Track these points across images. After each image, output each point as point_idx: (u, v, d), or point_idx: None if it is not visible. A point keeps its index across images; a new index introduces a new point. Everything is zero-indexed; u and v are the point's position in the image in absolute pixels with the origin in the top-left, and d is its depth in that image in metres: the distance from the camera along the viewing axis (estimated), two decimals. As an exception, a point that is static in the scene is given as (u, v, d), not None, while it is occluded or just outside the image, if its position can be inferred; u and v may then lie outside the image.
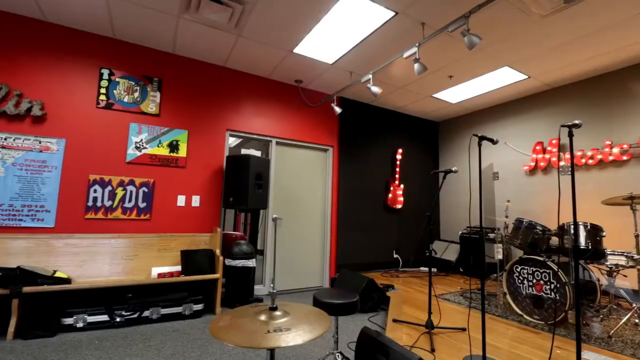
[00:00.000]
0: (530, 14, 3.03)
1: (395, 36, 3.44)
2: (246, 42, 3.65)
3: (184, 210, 3.83)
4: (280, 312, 1.41)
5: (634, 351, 2.41)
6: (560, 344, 2.57)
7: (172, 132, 3.84)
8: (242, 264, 3.58)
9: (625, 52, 3.67)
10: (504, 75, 4.32)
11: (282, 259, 4.52)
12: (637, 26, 3.18)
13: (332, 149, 5.10)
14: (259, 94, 4.51)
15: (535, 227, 3.27)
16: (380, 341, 1.82)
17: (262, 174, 3.87)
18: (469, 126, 5.99)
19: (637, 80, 3.93)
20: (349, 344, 2.74)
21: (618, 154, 3.96)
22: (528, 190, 4.89)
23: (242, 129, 4.32)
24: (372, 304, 3.60)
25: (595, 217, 4.05)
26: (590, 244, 2.92)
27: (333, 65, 4.15)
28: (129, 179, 3.57)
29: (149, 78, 3.78)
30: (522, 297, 3.15)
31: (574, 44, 3.53)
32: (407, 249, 5.81)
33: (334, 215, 5.00)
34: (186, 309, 3.26)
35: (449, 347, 2.51)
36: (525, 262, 3.15)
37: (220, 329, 1.26)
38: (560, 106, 4.65)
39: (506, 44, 3.57)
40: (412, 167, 6.07)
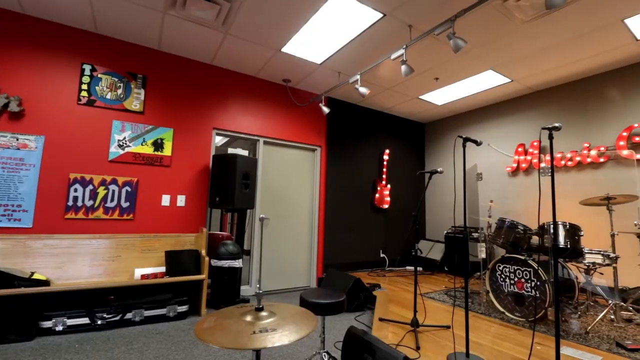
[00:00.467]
0: (513, 19, 3.11)
1: (383, 38, 3.47)
2: (234, 40, 3.62)
3: (168, 210, 3.76)
4: (266, 313, 1.40)
5: (610, 346, 2.50)
6: (541, 340, 2.65)
7: (157, 130, 3.77)
8: (229, 265, 3.55)
9: (601, 58, 3.81)
10: (488, 78, 4.42)
11: (269, 259, 4.50)
12: (611, 34, 3.30)
13: (320, 149, 5.11)
14: (247, 93, 4.47)
15: (517, 227, 3.36)
16: (366, 340, 1.83)
17: (249, 173, 3.84)
18: (454, 128, 6.10)
19: (612, 85, 4.09)
20: (335, 344, 2.75)
21: (595, 156, 4.11)
22: (510, 191, 5.02)
23: (229, 128, 4.28)
24: (358, 303, 3.62)
25: (573, 217, 4.19)
26: (569, 243, 3.02)
27: (321, 65, 4.15)
28: (111, 177, 3.48)
29: (133, 74, 3.69)
30: (504, 295, 3.23)
31: (555, 49, 3.64)
32: (394, 248, 5.87)
33: (321, 215, 5.00)
34: (170, 311, 3.20)
35: (433, 344, 2.54)
36: (507, 260, 3.23)
37: (205, 331, 1.24)
38: (541, 109, 4.79)
39: (490, 48, 3.65)
40: (399, 167, 6.14)
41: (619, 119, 4.00)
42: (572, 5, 2.88)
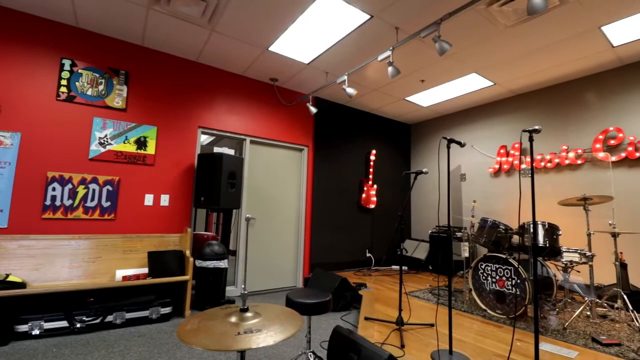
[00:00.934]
0: (496, 24, 3.19)
1: (370, 39, 3.49)
2: (220, 38, 3.57)
3: (152, 209, 3.68)
4: (251, 314, 1.39)
5: (586, 341, 2.60)
6: (521, 337, 2.72)
7: (140, 128, 3.68)
8: (214, 265, 3.50)
9: (579, 63, 3.95)
10: (472, 81, 4.52)
11: (255, 260, 4.47)
12: (589, 41, 3.43)
13: (307, 149, 5.10)
14: (233, 91, 4.42)
15: (498, 226, 3.45)
16: (352, 339, 1.84)
17: (235, 173, 3.80)
18: (439, 129, 6.21)
19: (589, 90, 4.24)
20: (321, 343, 2.76)
21: (573, 158, 4.26)
22: (492, 191, 5.15)
23: (215, 127, 4.22)
24: (344, 303, 3.64)
25: (552, 216, 4.33)
26: (548, 242, 3.12)
27: (309, 65, 4.15)
28: (91, 176, 3.38)
29: (115, 70, 3.59)
30: (486, 293, 3.31)
31: (535, 54, 3.75)
32: (380, 248, 5.92)
33: (308, 215, 5.00)
34: (153, 313, 3.14)
35: (418, 342, 2.58)
36: (489, 259, 3.31)
37: (188, 332, 1.22)
38: (522, 112, 4.92)
39: (474, 52, 3.73)
40: (385, 167, 6.20)
41: (595, 122, 4.16)
42: (553, 11, 2.97)
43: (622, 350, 2.43)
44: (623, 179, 3.88)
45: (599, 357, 2.35)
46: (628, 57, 3.77)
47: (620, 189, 3.88)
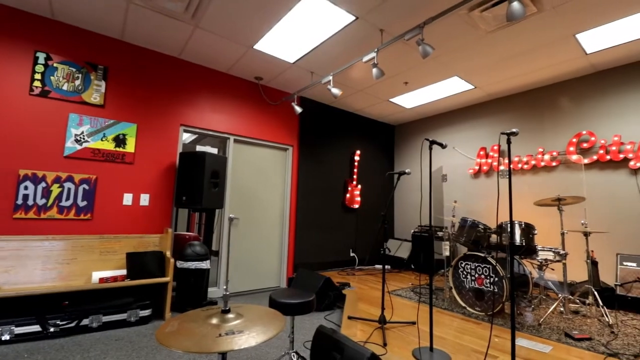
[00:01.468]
0: (477, 29, 3.27)
1: (355, 40, 3.52)
2: (204, 34, 3.51)
3: (131, 209, 3.58)
4: (233, 315, 1.37)
5: (559, 336, 2.70)
6: (498, 333, 2.81)
7: (119, 125, 3.57)
8: (195, 266, 3.44)
9: (555, 69, 4.11)
10: (454, 84, 4.62)
11: (238, 260, 4.41)
12: (564, 48, 3.57)
13: (291, 149, 5.09)
14: (217, 89, 4.35)
15: (478, 226, 3.54)
16: (335, 338, 1.84)
17: (218, 172, 3.74)
18: (422, 130, 6.32)
19: (563, 95, 4.42)
20: (305, 343, 2.75)
21: (548, 160, 4.43)
22: (472, 192, 5.28)
23: (198, 125, 4.14)
24: (328, 302, 3.65)
25: (528, 216, 4.48)
26: (524, 241, 3.23)
27: (294, 65, 4.13)
28: (66, 174, 3.26)
29: (92, 65, 3.47)
30: (465, 291, 3.39)
31: (514, 59, 3.87)
32: (364, 247, 5.97)
33: (292, 215, 4.98)
34: (131, 316, 3.05)
35: (399, 340, 2.62)
36: (468, 258, 3.39)
37: (167, 335, 1.19)
38: (501, 115, 5.08)
39: (456, 55, 3.82)
40: (369, 168, 6.25)
41: (569, 126, 4.33)
42: (530, 18, 3.08)
43: (592, 345, 2.54)
44: (594, 181, 4.06)
45: (572, 351, 2.45)
46: (600, 64, 3.95)
47: (591, 190, 4.07)
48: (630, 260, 3.47)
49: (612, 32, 3.25)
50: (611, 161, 3.92)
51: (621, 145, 3.85)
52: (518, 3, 2.24)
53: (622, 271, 3.48)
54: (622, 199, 3.83)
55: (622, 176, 3.85)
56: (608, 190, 3.94)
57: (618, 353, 2.39)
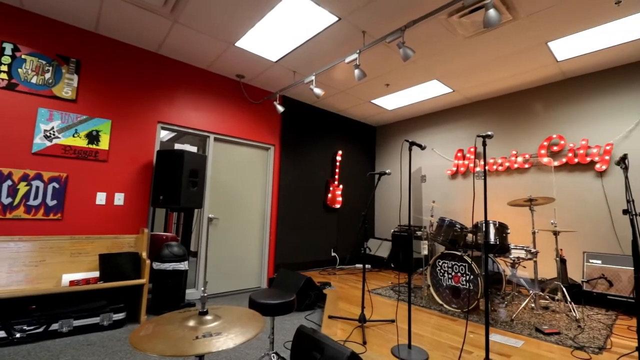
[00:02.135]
0: (456, 35, 3.36)
1: (338, 41, 3.53)
2: (183, 30, 3.42)
3: (104, 209, 3.44)
4: (210, 316, 1.34)
5: (530, 331, 2.82)
6: (473, 329, 2.90)
7: (92, 121, 3.43)
8: (173, 267, 3.35)
9: (529, 75, 4.29)
10: (433, 87, 4.73)
11: (218, 261, 4.34)
12: (537, 55, 3.73)
13: (273, 148, 5.05)
14: (197, 86, 4.26)
15: (455, 225, 3.64)
16: (315, 338, 1.85)
17: (197, 170, 3.66)
18: (402, 132, 6.43)
19: (536, 100, 4.62)
20: (285, 344, 2.74)
21: (521, 162, 4.61)
22: (450, 192, 5.43)
23: (176, 122, 4.04)
24: (309, 302, 3.65)
25: (502, 216, 4.65)
26: (498, 240, 3.35)
27: (277, 63, 4.11)
28: (34, 172, 3.09)
29: (64, 58, 3.32)
30: (442, 289, 3.48)
31: (490, 64, 4.01)
32: (345, 247, 6.01)
33: (273, 215, 4.95)
34: (104, 319, 2.94)
35: (379, 338, 2.66)
36: (446, 256, 3.48)
37: (141, 339, 1.16)
38: (478, 118, 5.24)
39: (436, 59, 3.91)
40: (351, 168, 6.30)
41: (541, 130, 4.53)
42: (506, 26, 3.19)
43: (561, 339, 2.67)
44: (564, 182, 4.26)
45: (542, 345, 2.56)
46: (570, 71, 4.15)
47: (561, 191, 4.27)
48: (595, 258, 3.67)
49: (582, 41, 3.42)
50: (579, 164, 4.13)
51: (588, 149, 4.06)
52: (494, 10, 2.32)
53: (588, 268, 3.67)
54: (589, 200, 4.04)
55: (589, 178, 4.07)
56: (576, 192, 4.15)
57: (584, 346, 2.52)
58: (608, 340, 2.67)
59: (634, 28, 3.17)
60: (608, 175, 3.93)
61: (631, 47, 3.53)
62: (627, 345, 2.57)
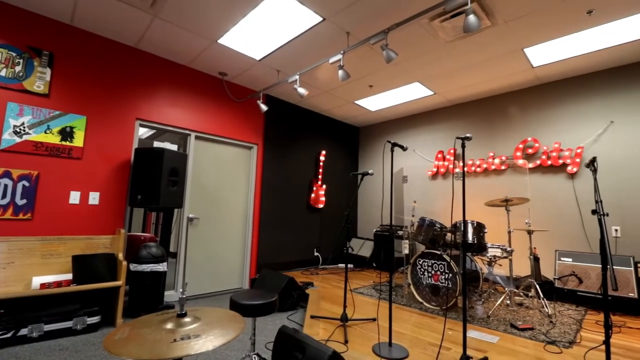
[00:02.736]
0: (437, 39, 3.43)
1: (322, 41, 3.54)
2: (164, 25, 3.34)
3: (78, 208, 3.31)
4: (189, 318, 1.32)
5: (506, 327, 2.92)
6: (452, 326, 2.97)
7: (66, 116, 3.29)
8: (151, 269, 3.26)
9: (506, 80, 4.43)
10: (415, 89, 4.82)
11: (198, 262, 4.26)
12: (514, 60, 3.86)
13: (256, 147, 5.00)
14: (178, 83, 4.16)
15: (434, 225, 3.72)
16: (297, 338, 1.84)
17: (177, 169, 3.58)
18: (385, 133, 6.51)
19: (512, 104, 4.78)
20: (267, 344, 2.72)
21: (498, 164, 4.77)
22: (431, 193, 5.54)
23: (156, 120, 3.93)
24: (291, 302, 3.64)
25: (480, 216, 4.80)
26: (476, 239, 3.45)
27: (260, 62, 4.07)
28: (3, 170, 2.94)
29: (36, 50, 3.17)
30: (422, 287, 3.55)
31: (470, 69, 4.12)
32: (328, 247, 6.03)
33: (256, 215, 4.90)
34: (78, 323, 2.83)
35: (360, 337, 2.68)
36: (426, 255, 3.55)
37: (116, 342, 1.12)
38: (458, 121, 5.38)
39: (418, 62, 3.98)
40: (334, 168, 6.33)
41: (517, 133, 4.70)
42: (485, 31, 3.29)
43: (534, 334, 2.77)
44: (537, 184, 4.44)
45: (516, 340, 2.66)
46: (545, 76, 4.32)
47: (535, 192, 4.44)
48: (567, 256, 3.84)
49: (556, 48, 3.57)
50: (552, 166, 4.31)
51: (560, 151, 4.24)
52: (474, 16, 2.38)
53: (560, 266, 3.83)
54: (561, 201, 4.22)
55: (561, 180, 4.25)
56: (549, 193, 4.33)
57: (556, 341, 2.64)
58: (578, 334, 2.80)
59: (605, 37, 3.34)
60: (579, 177, 4.12)
61: (602, 54, 3.71)
62: (595, 339, 2.70)
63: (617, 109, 3.93)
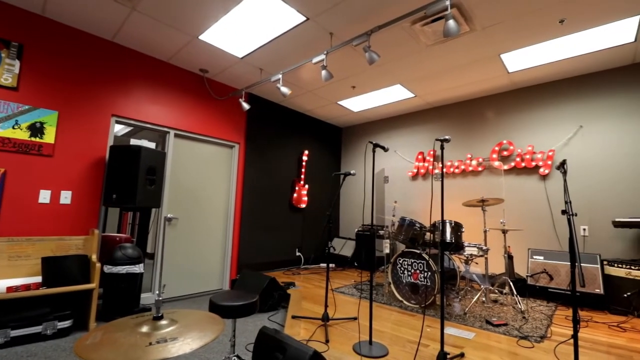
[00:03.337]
0: (419, 42, 3.50)
1: (305, 41, 3.53)
2: (142, 18, 3.24)
3: (48, 208, 3.16)
4: (166, 321, 1.29)
5: (481, 324, 3.01)
6: (430, 323, 3.04)
7: (36, 111, 3.13)
8: (127, 270, 3.16)
9: (483, 84, 4.58)
10: (397, 91, 4.89)
11: (177, 263, 4.16)
12: (490, 65, 3.99)
13: (238, 146, 4.94)
14: (156, 79, 4.04)
15: (414, 225, 3.79)
16: (277, 339, 1.83)
17: (155, 168, 3.48)
18: (367, 133, 6.58)
19: (489, 108, 4.94)
20: (247, 346, 2.69)
21: (475, 165, 4.91)
22: (411, 193, 5.65)
23: (133, 116, 3.81)
24: (272, 303, 3.61)
25: (458, 216, 4.91)
26: (454, 238, 3.54)
27: (242, 60, 4.02)
28: (-36, 167, 2.77)
29: (4, 41, 3.00)
30: (402, 285, 3.61)
31: (449, 73, 4.22)
32: (310, 246, 6.03)
33: (237, 215, 4.84)
34: (48, 328, 2.70)
35: (341, 336, 2.70)
36: (406, 255, 3.62)
37: (87, 347, 1.08)
38: (438, 123, 5.51)
39: (399, 65, 4.04)
40: (317, 168, 6.33)
41: (493, 136, 4.86)
42: (464, 36, 3.38)
43: (508, 329, 2.88)
44: (512, 185, 4.61)
45: (491, 336, 2.75)
46: (520, 82, 4.49)
47: (509, 192, 4.61)
48: (538, 254, 4.00)
49: (530, 54, 3.72)
50: (525, 168, 4.49)
51: (534, 154, 4.42)
52: (453, 21, 2.45)
53: (532, 264, 3.99)
54: (534, 201, 4.40)
55: (534, 181, 4.43)
56: (522, 194, 4.50)
57: (528, 336, 2.75)
58: (549, 329, 2.93)
59: (575, 46, 3.51)
60: (550, 178, 4.31)
61: (573, 62, 3.89)
62: (565, 334, 2.83)
63: (586, 115, 4.13)
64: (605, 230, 3.86)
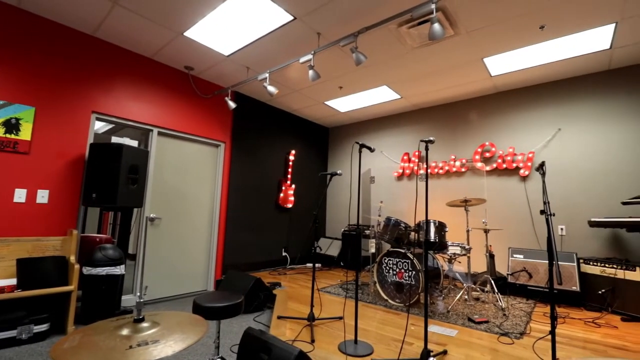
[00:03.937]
0: (405, 44, 3.55)
1: (293, 40, 3.52)
2: (125, 13, 3.15)
3: (24, 207, 3.04)
4: (147, 323, 1.26)
5: (464, 321, 3.07)
6: (415, 321, 3.08)
7: (11, 107, 3.01)
8: (107, 272, 3.07)
9: (467, 87, 4.67)
10: (383, 92, 4.94)
11: (160, 264, 4.07)
12: (474, 69, 4.08)
13: (224, 145, 4.87)
14: (139, 76, 3.95)
15: (399, 224, 3.84)
16: (263, 339, 1.82)
17: (137, 166, 3.40)
18: (354, 134, 6.61)
19: (472, 110, 5.05)
20: (232, 347, 2.67)
21: (459, 166, 5.01)
22: (396, 193, 5.71)
23: (114, 113, 3.71)
24: (258, 304, 3.59)
25: (441, 216, 5.02)
26: (438, 237, 3.60)
27: (229, 58, 3.97)
28: None
29: (-26, 33, 2.87)
30: (387, 285, 3.65)
31: (434, 75, 4.29)
32: (296, 246, 6.02)
33: (222, 215, 4.78)
34: (23, 332, 2.60)
35: (327, 336, 2.70)
36: (391, 254, 3.66)
37: (64, 351, 1.04)
38: (423, 124, 5.59)
39: (386, 66, 4.08)
40: (303, 168, 6.32)
41: (476, 137, 4.97)
42: (449, 40, 3.44)
43: (489, 327, 2.95)
44: (494, 185, 4.72)
45: (473, 333, 2.81)
46: (502, 85, 4.61)
47: (491, 193, 4.72)
48: (518, 253, 4.12)
49: (512, 59, 3.82)
50: (506, 169, 4.61)
51: (514, 156, 4.55)
52: (438, 25, 2.49)
53: (512, 262, 4.10)
54: (514, 202, 4.53)
55: (514, 182, 4.55)
56: (504, 194, 4.63)
57: (508, 332, 2.82)
58: (528, 326, 3.02)
59: (554, 51, 3.63)
60: (530, 179, 4.44)
61: (552, 67, 4.02)
62: (543, 330, 2.93)
63: (564, 118, 4.28)
64: (581, 229, 4.01)
